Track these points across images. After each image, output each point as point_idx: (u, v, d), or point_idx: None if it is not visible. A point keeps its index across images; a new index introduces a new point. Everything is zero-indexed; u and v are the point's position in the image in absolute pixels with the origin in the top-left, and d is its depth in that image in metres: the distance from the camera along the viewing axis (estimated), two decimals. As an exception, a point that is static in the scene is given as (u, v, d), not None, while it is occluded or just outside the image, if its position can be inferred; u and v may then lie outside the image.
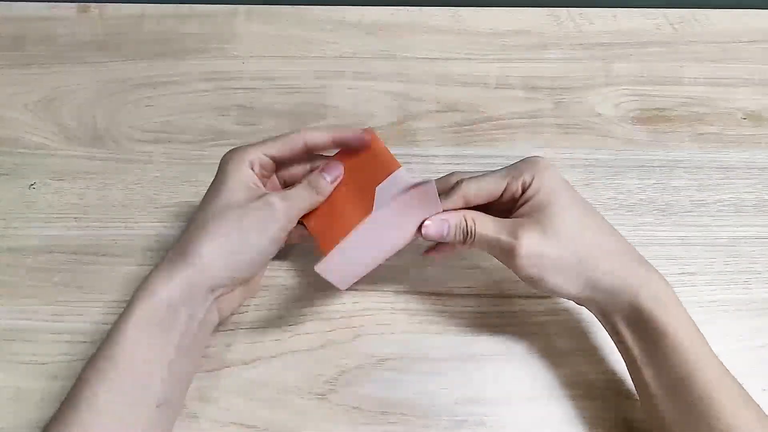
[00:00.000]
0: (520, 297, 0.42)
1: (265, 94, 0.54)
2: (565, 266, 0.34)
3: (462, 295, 0.43)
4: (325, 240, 0.37)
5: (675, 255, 0.45)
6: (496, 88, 0.54)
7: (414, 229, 0.36)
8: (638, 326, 0.33)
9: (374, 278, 0.43)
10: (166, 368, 0.32)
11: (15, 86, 0.54)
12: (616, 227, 0.46)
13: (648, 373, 0.34)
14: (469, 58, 0.56)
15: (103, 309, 0.42)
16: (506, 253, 0.34)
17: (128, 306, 0.32)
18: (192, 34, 0.58)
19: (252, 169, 0.36)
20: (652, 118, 0.53)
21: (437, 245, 0.40)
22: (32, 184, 0.48)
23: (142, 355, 0.31)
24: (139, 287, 0.33)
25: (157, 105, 0.53)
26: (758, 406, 0.32)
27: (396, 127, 0.52)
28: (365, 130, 0.37)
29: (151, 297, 0.32)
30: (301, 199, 0.37)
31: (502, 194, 0.36)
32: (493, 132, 0.52)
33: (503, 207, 0.37)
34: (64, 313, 0.42)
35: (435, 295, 0.43)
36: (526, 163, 0.36)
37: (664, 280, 0.34)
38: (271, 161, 0.37)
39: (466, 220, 0.35)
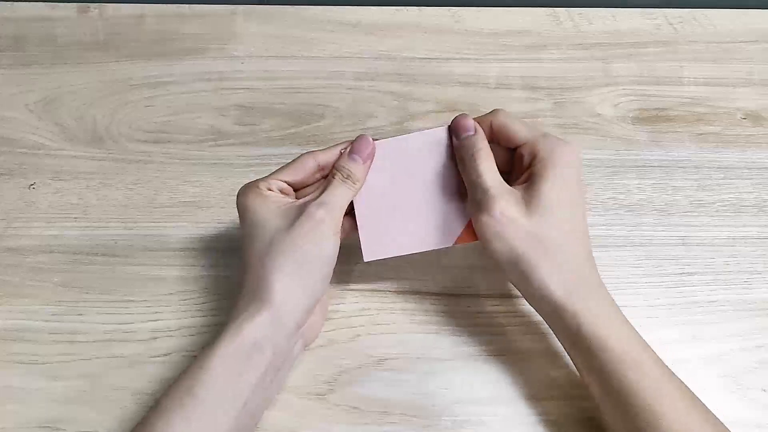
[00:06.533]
0: (520, 297, 0.42)
1: (265, 94, 0.54)
2: (511, 236, 0.34)
3: (462, 295, 0.43)
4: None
5: (675, 255, 0.45)
6: (496, 88, 0.54)
7: (434, 166, 0.38)
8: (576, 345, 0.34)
9: (374, 278, 0.43)
10: (242, 404, 0.32)
11: (15, 86, 0.54)
12: (615, 227, 0.46)
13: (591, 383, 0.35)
14: (469, 58, 0.56)
15: (103, 309, 0.42)
16: (480, 193, 0.35)
17: (214, 342, 0.33)
18: (192, 34, 0.58)
19: (271, 190, 0.36)
20: (652, 118, 0.52)
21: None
22: (32, 184, 0.48)
23: (223, 390, 0.32)
24: (226, 326, 0.33)
25: (157, 105, 0.53)
26: (704, 407, 0.32)
27: (396, 127, 0.52)
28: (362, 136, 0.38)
29: (237, 334, 0.32)
30: (338, 197, 0.36)
31: (518, 147, 0.37)
32: (493, 132, 0.52)
33: (515, 169, 0.38)
34: (64, 313, 0.42)
35: (435, 295, 0.43)
36: (557, 141, 0.36)
37: (606, 301, 0.35)
38: (287, 186, 0.37)
39: (482, 145, 0.36)
